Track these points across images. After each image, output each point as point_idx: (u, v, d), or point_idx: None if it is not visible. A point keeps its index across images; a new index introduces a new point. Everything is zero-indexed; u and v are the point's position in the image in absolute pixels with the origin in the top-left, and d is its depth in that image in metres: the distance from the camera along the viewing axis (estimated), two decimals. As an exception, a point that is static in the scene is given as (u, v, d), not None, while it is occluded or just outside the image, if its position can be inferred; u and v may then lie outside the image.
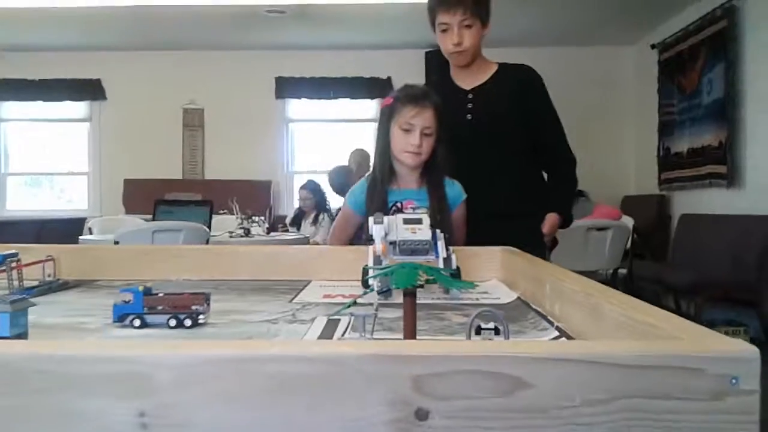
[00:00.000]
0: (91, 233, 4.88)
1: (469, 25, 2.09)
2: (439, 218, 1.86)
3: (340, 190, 4.85)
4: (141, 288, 1.02)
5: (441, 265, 1.21)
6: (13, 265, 1.25)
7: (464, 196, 2.02)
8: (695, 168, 5.49)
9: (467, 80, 2.24)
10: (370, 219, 1.16)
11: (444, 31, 2.11)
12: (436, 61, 7.00)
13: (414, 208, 1.91)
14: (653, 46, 6.28)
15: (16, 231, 5.12)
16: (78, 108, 7.21)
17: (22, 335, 0.85)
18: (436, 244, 1.21)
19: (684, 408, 0.53)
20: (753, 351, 0.53)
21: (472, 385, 0.52)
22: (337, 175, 5.10)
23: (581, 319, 0.90)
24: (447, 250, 1.23)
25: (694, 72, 5.52)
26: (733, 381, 0.53)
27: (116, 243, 3.29)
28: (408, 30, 6.28)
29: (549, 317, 1.05)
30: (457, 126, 2.14)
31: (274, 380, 0.51)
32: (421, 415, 0.52)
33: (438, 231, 1.23)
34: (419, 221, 1.20)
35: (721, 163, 5.12)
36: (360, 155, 5.23)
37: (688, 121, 5.63)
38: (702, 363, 0.53)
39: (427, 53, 6.94)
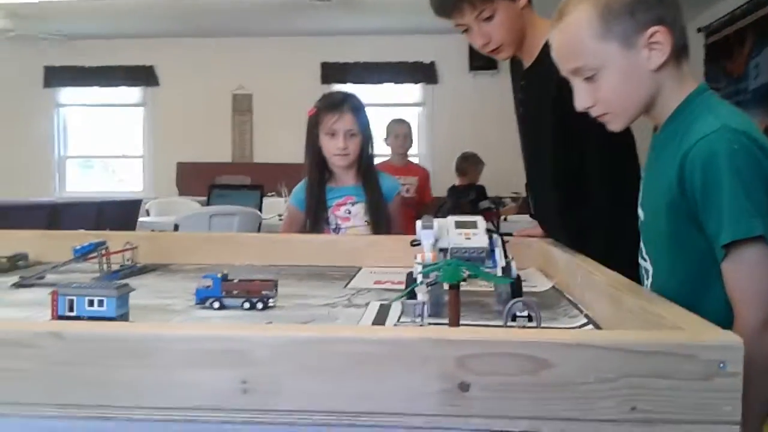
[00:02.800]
0: (148, 215, 5.13)
1: (489, 16, 1.59)
2: (376, 211, 2.10)
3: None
4: (219, 275, 1.17)
5: (499, 274, 1.05)
6: (103, 252, 1.43)
7: (399, 188, 2.28)
8: (741, 153, 5.45)
9: (526, 55, 1.71)
10: (418, 222, 1.05)
11: (466, 31, 1.66)
12: (479, 46, 7.06)
13: (353, 203, 2.11)
14: (699, 30, 6.21)
15: (77, 212, 5.39)
16: (132, 93, 7.49)
17: (125, 316, 1.00)
18: (493, 251, 1.05)
19: (680, 386, 0.64)
20: (738, 340, 0.65)
21: (505, 365, 0.65)
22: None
23: (605, 308, 1.02)
24: (506, 257, 1.07)
25: (741, 56, 5.46)
26: (721, 365, 0.64)
27: (176, 226, 3.49)
28: (452, 15, 6.34)
29: (579, 305, 1.16)
30: (518, 119, 1.84)
31: (349, 357, 0.65)
32: (464, 387, 0.65)
33: (495, 236, 1.07)
34: (474, 224, 1.04)
35: (768, 148, 5.08)
36: (400, 126, 4.48)
37: (735, 105, 5.58)
38: (695, 350, 0.65)
39: (470, 38, 6.99)
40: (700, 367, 0.64)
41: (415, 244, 1.05)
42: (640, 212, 1.21)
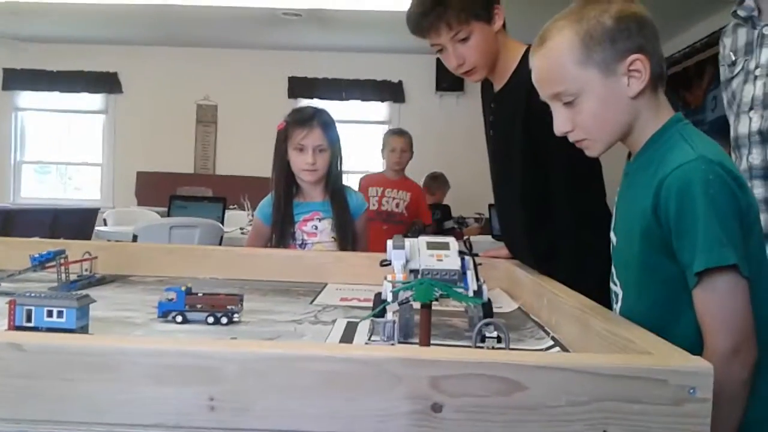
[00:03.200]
0: (105, 224, 5.02)
1: (465, 37, 1.59)
2: (343, 228, 2.10)
3: None
4: (183, 288, 1.14)
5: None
6: (62, 261, 1.38)
7: (366, 205, 2.28)
8: (697, 182, 5.58)
9: (498, 78, 1.72)
10: (389, 242, 1.04)
11: (440, 51, 1.66)
12: (446, 67, 7.14)
13: (320, 219, 2.10)
14: (661, 60, 6.38)
15: (31, 220, 5.24)
16: (94, 100, 7.35)
17: (85, 328, 0.97)
18: (465, 273, 1.04)
19: (650, 411, 0.65)
20: (708, 366, 0.65)
21: (478, 386, 0.64)
22: None
23: (573, 331, 1.02)
24: (478, 280, 1.06)
25: (699, 89, 5.63)
26: (691, 391, 0.65)
27: (135, 237, 3.42)
28: (421, 36, 6.40)
29: (546, 327, 1.17)
30: (487, 140, 1.86)
31: (319, 375, 0.64)
32: (436, 408, 0.64)
33: (467, 258, 1.06)
34: (446, 246, 1.04)
35: (723, 178, 5.22)
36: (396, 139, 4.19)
37: (693, 135, 5.73)
38: (666, 375, 0.65)
39: (438, 59, 7.03)
40: (670, 392, 0.65)
41: (385, 264, 1.03)
42: (613, 237, 1.22)
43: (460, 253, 1.03)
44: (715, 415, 0.65)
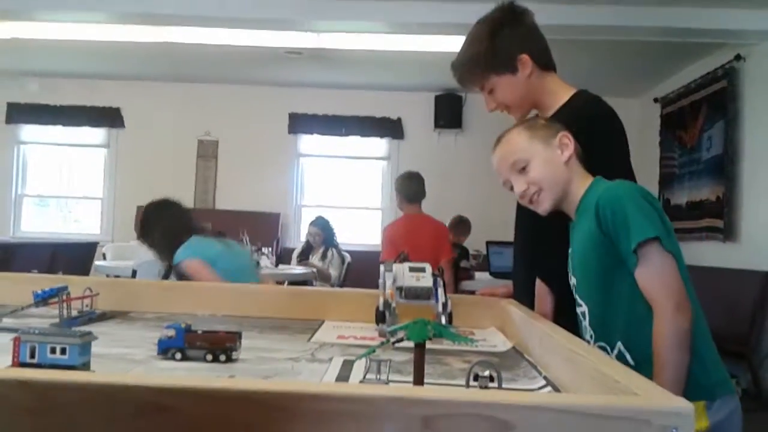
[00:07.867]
0: (105, 258, 5.04)
1: (491, 89, 1.75)
2: None
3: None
4: (183, 325, 1.16)
5: (440, 308, 1.40)
6: (64, 297, 1.41)
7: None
8: (693, 221, 5.63)
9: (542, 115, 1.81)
10: (381, 266, 1.36)
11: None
12: (445, 104, 7.25)
13: None
14: (656, 100, 6.47)
15: (31, 253, 5.28)
16: (96, 134, 7.43)
17: (87, 364, 0.99)
18: (436, 290, 1.39)
19: (634, 450, 0.67)
20: (689, 407, 0.68)
21: (470, 425, 0.66)
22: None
23: (563, 370, 1.04)
24: (445, 296, 1.43)
25: (694, 128, 5.70)
26: (674, 430, 0.67)
27: (134, 272, 3.44)
28: (419, 74, 6.51)
29: (538, 367, 1.19)
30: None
31: (313, 414, 0.66)
32: (429, 446, 0.66)
33: (438, 278, 1.40)
34: (423, 269, 1.38)
35: (718, 217, 5.27)
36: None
37: (688, 174, 5.80)
38: (649, 415, 0.67)
39: (436, 96, 7.16)
40: (654, 431, 0.67)
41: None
42: (572, 279, 1.49)
43: (433, 275, 1.38)
44: (672, 359, 1.02)
